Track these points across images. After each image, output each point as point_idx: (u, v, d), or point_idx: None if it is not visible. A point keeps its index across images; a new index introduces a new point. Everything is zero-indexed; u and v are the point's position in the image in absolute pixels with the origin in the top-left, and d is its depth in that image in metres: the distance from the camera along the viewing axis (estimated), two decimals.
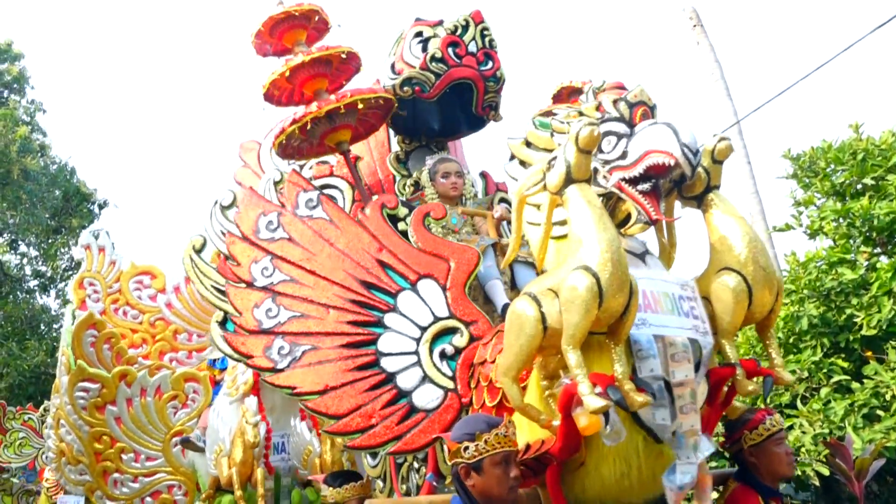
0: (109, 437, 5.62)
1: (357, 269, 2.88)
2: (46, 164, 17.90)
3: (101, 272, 6.70)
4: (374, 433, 2.56)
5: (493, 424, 2.08)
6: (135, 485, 5.67)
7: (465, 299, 2.84)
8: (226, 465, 4.83)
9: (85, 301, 6.42)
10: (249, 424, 4.58)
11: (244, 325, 2.81)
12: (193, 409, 5.69)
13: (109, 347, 5.80)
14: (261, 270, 2.91)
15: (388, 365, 2.69)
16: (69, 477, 5.88)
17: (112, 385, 5.53)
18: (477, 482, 2.06)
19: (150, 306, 6.66)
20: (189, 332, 6.64)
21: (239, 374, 5.16)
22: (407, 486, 3.22)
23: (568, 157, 2.12)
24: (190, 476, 5.69)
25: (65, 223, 17.92)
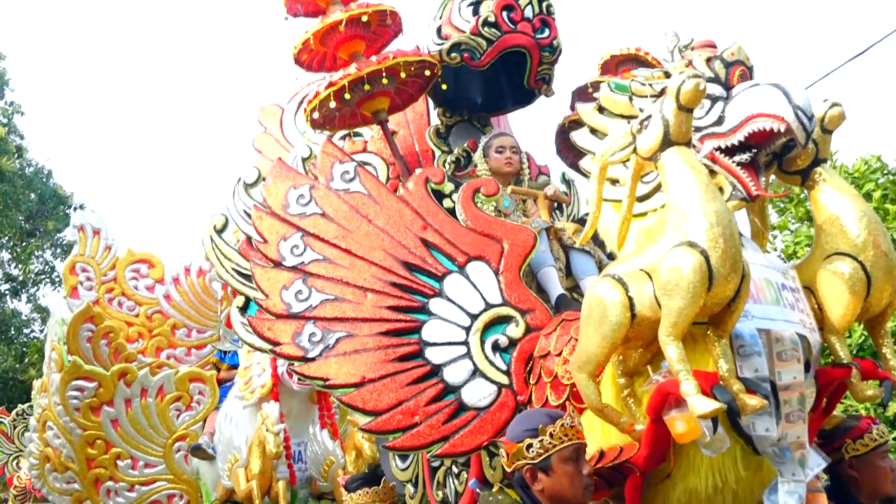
0: (104, 441, 5.31)
1: (398, 249, 2.65)
2: (23, 166, 17.91)
3: (96, 258, 6.32)
4: (418, 433, 2.31)
5: (556, 416, 1.89)
6: (131, 494, 5.36)
7: (520, 285, 2.60)
8: (243, 476, 4.58)
9: (76, 288, 6.09)
10: (270, 433, 4.31)
11: (271, 309, 2.58)
12: (199, 411, 5.43)
13: (107, 343, 5.53)
14: (290, 249, 2.68)
15: (434, 356, 2.45)
16: (53, 486, 5.57)
17: (110, 384, 5.24)
18: (546, 484, 1.85)
19: (147, 298, 6.34)
20: (188, 327, 6.34)
21: (255, 377, 4.92)
22: (443, 492, 2.97)
23: (666, 115, 1.90)
24: (193, 485, 5.43)
25: (39, 226, 17.92)
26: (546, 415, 1.92)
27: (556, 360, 2.26)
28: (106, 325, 5.54)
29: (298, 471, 4.79)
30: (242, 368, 5.11)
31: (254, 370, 5.00)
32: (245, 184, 3.37)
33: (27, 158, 18.29)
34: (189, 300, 6.35)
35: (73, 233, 6.53)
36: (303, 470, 4.84)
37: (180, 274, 6.38)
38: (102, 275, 6.24)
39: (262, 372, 4.93)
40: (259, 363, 4.97)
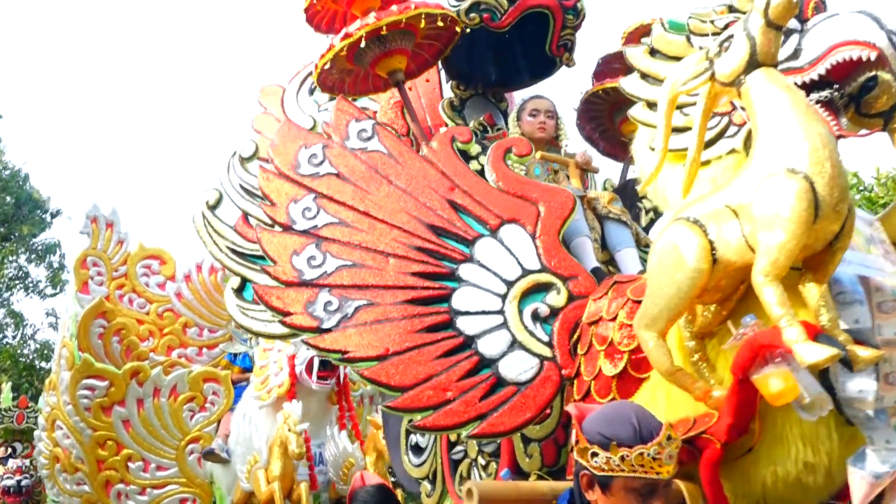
0: (115, 442, 5.13)
1: (423, 211, 2.37)
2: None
3: (108, 252, 6.14)
4: (451, 410, 2.02)
5: (643, 436, 1.48)
6: (142, 498, 5.17)
7: (560, 250, 2.31)
8: (263, 478, 4.33)
9: (87, 283, 5.89)
10: (293, 433, 4.06)
11: (280, 276, 2.31)
12: (213, 412, 5.22)
13: (119, 340, 5.34)
14: (301, 211, 2.41)
15: (466, 326, 2.16)
16: (63, 487, 5.40)
17: (122, 383, 5.07)
18: (601, 500, 1.51)
19: (158, 295, 6.16)
20: (200, 326, 6.14)
21: (271, 376, 4.69)
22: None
23: (752, 33, 1.63)
24: (206, 489, 5.21)
25: (14, 230, 17.76)
26: (632, 426, 1.50)
27: (611, 325, 1.96)
28: (118, 322, 5.35)
29: (319, 473, 4.54)
30: (258, 367, 4.89)
31: (270, 369, 4.78)
32: (241, 157, 3.11)
33: (3, 161, 18.14)
34: (201, 298, 6.14)
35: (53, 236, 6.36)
36: (323, 472, 4.60)
37: (192, 271, 6.18)
38: (114, 270, 6.04)
39: (280, 371, 4.72)
40: (276, 362, 4.75)
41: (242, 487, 4.60)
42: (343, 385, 4.85)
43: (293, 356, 4.65)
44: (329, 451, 4.67)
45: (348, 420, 4.84)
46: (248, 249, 2.87)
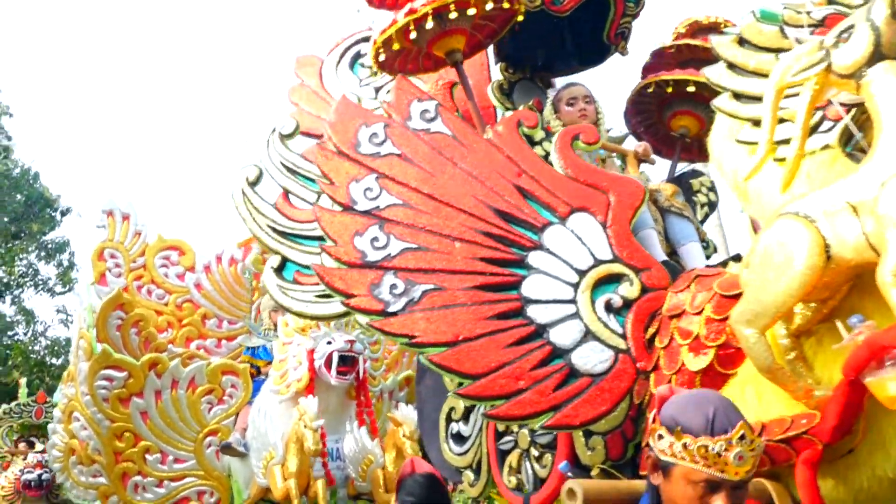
0: (133, 434, 4.96)
1: (490, 196, 2.30)
2: (9, 168, 17.81)
3: (125, 243, 6.02)
4: (523, 400, 1.95)
5: (714, 429, 1.38)
6: (160, 490, 4.99)
7: (631, 240, 2.25)
8: (279, 474, 4.21)
9: (105, 275, 5.76)
10: (309, 429, 3.96)
11: (341, 257, 2.23)
12: (231, 405, 5.08)
13: (137, 332, 5.22)
14: (363, 191, 2.35)
15: (538, 315, 2.09)
16: (77, 479, 5.24)
17: (140, 374, 4.91)
18: (661, 485, 1.44)
19: (177, 286, 6.01)
20: (219, 317, 6.00)
21: (290, 370, 4.59)
22: (518, 478, 2.57)
23: (877, 24, 1.55)
24: (223, 482, 5.07)
25: (25, 228, 17.77)
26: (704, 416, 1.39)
27: (696, 319, 1.89)
28: (136, 313, 5.24)
29: (336, 469, 4.43)
30: (277, 361, 4.79)
31: (289, 363, 4.67)
32: (281, 135, 3.06)
33: (14, 160, 18.20)
34: (220, 289, 6.04)
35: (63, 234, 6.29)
36: (341, 468, 4.47)
37: (211, 262, 6.07)
38: (131, 261, 5.95)
39: (298, 365, 4.61)
40: (294, 356, 4.65)
41: (259, 482, 4.48)
42: (362, 381, 4.75)
43: (312, 350, 4.53)
44: (348, 447, 4.53)
45: (367, 416, 4.74)
46: (288, 228, 2.83)
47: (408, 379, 5.69)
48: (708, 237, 3.00)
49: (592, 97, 3.04)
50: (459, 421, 2.92)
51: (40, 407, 9.25)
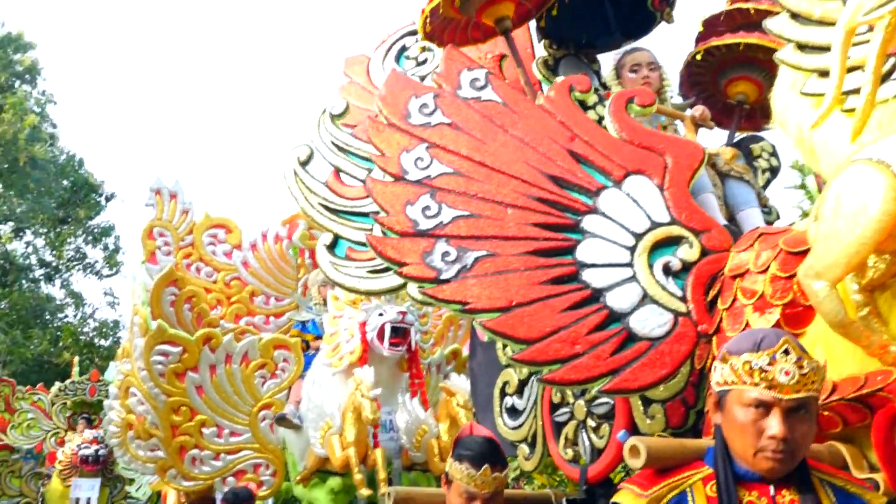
0: (189, 408, 5.12)
1: (543, 162, 2.27)
2: (55, 154, 18.41)
3: (173, 222, 6.19)
4: (580, 365, 1.92)
5: (762, 346, 1.37)
6: (216, 463, 5.15)
7: (690, 202, 2.19)
8: (337, 443, 4.29)
9: (154, 253, 5.95)
10: (366, 399, 4.01)
11: (394, 227, 2.24)
12: (283, 379, 5.21)
13: (190, 308, 5.35)
14: (414, 161, 2.34)
15: (594, 279, 2.06)
16: (136, 453, 5.41)
17: (194, 349, 5.05)
18: (722, 421, 1.41)
19: (225, 264, 6.19)
20: (266, 294, 6.15)
21: (342, 343, 4.66)
22: (574, 450, 2.55)
23: None
24: (278, 454, 5.21)
25: (71, 213, 18.43)
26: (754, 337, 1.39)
27: (761, 277, 1.84)
28: (189, 289, 5.37)
29: (390, 440, 4.51)
30: (328, 335, 4.87)
31: (341, 336, 4.75)
32: (331, 115, 3.07)
33: (59, 147, 18.74)
34: (267, 267, 6.17)
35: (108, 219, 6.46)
36: (394, 439, 4.54)
37: (257, 240, 6.21)
38: (180, 239, 6.10)
39: (351, 338, 4.69)
40: (346, 329, 4.72)
41: (316, 453, 4.56)
42: (414, 352, 4.79)
43: (364, 323, 4.61)
44: (401, 419, 4.60)
45: (419, 387, 4.78)
46: (339, 205, 2.84)
47: (454, 353, 5.72)
48: (770, 203, 2.92)
49: (657, 63, 2.97)
50: (513, 395, 2.91)
51: (94, 385, 9.60)
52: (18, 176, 16.62)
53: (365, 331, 4.61)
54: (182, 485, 5.18)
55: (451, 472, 2.23)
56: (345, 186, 3.01)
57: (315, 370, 4.91)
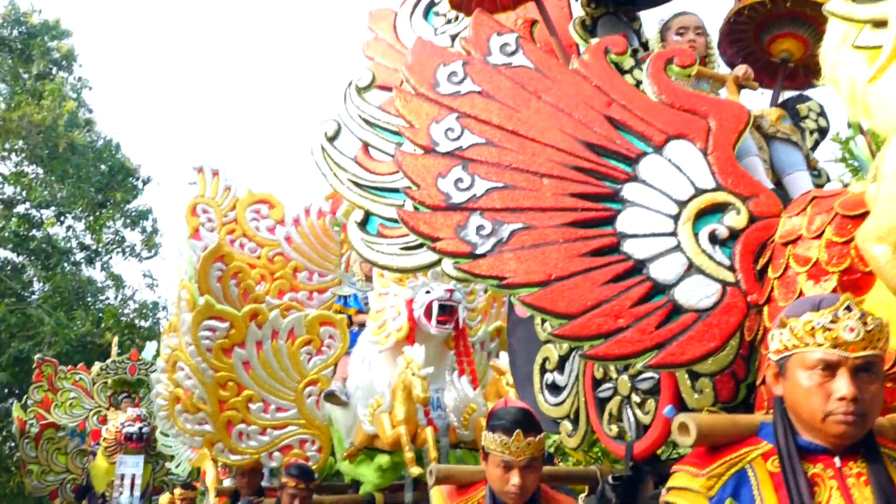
0: (236, 383, 5.13)
1: (579, 129, 2.18)
2: (92, 140, 18.77)
3: (216, 198, 6.20)
4: (624, 339, 1.86)
5: (824, 303, 1.33)
6: (263, 438, 5.18)
7: (736, 167, 2.08)
8: (387, 421, 4.28)
9: (198, 230, 5.96)
10: (417, 377, 3.99)
11: (425, 201, 2.18)
12: (329, 356, 5.20)
13: (237, 283, 5.36)
14: (444, 132, 2.27)
15: (635, 250, 1.98)
16: (184, 427, 5.46)
17: (242, 325, 5.06)
18: (784, 390, 1.36)
19: (268, 239, 6.16)
20: (310, 270, 6.12)
21: (389, 321, 4.62)
22: (619, 426, 2.50)
23: None
24: (324, 430, 5.21)
25: (110, 197, 18.78)
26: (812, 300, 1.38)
27: (815, 243, 1.73)
28: (235, 265, 5.38)
29: (438, 418, 4.47)
30: (374, 312, 4.82)
31: (387, 314, 4.70)
32: (357, 87, 3.00)
33: (96, 132, 19.13)
34: (310, 242, 6.14)
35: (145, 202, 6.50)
36: (442, 418, 4.51)
37: (300, 215, 6.17)
38: (223, 215, 6.11)
39: (398, 315, 4.62)
40: (392, 307, 4.67)
41: (365, 430, 4.55)
42: (461, 330, 4.73)
43: (411, 300, 4.55)
44: (449, 397, 4.53)
45: (467, 365, 4.74)
46: (369, 181, 2.79)
47: (498, 330, 5.67)
48: (819, 165, 2.77)
49: (704, 29, 2.84)
50: (554, 371, 2.86)
51: (134, 364, 9.83)
52: (59, 162, 17.06)
53: (412, 308, 4.55)
54: (229, 458, 5.23)
55: (486, 444, 2.22)
56: (374, 161, 2.96)
57: (361, 347, 4.89)
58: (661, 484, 2.42)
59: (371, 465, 4.75)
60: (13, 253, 18.40)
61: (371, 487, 4.86)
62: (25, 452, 10.17)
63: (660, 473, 2.38)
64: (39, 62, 17.92)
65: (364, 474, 4.84)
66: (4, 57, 17.92)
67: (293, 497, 4.13)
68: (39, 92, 17.22)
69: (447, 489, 2.40)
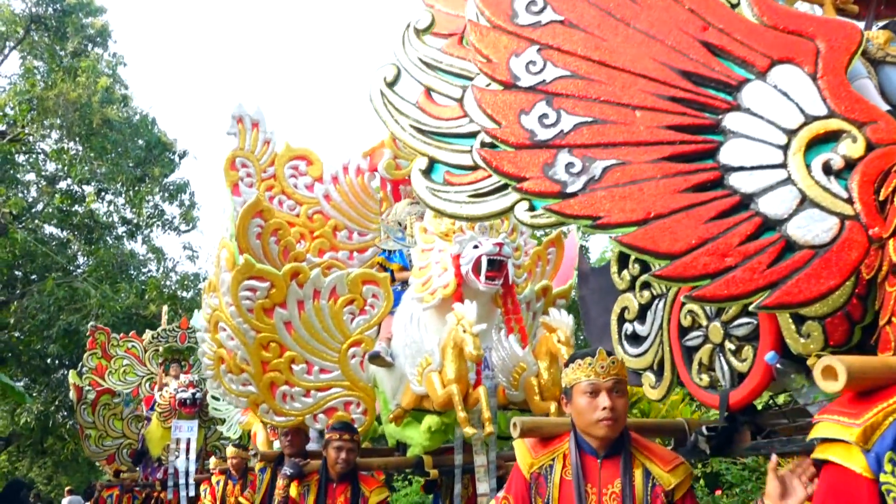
0: (279, 344, 5.08)
1: (673, 56, 2.07)
2: (129, 115, 19.31)
3: (255, 152, 6.07)
4: (734, 279, 1.77)
5: None
6: (307, 399, 5.16)
7: (849, 91, 1.97)
8: (437, 380, 4.18)
9: (238, 185, 5.85)
10: (469, 334, 3.89)
11: (508, 139, 2.09)
12: (373, 315, 5.12)
13: (276, 240, 5.24)
14: (525, 66, 2.17)
15: (742, 183, 1.88)
16: (229, 387, 5.43)
17: (282, 285, 4.97)
18: None
19: (307, 197, 6.07)
20: (349, 229, 6.05)
21: (434, 277, 4.51)
22: (710, 375, 2.42)
23: None
24: (369, 392, 5.18)
25: (147, 172, 19.37)
26: None
27: None
28: (275, 221, 5.28)
29: (486, 378, 4.35)
30: (418, 269, 4.72)
31: (432, 270, 4.58)
32: (416, 29, 2.88)
33: (132, 107, 19.53)
34: (349, 200, 6.05)
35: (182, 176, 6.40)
36: (490, 378, 4.40)
37: (339, 172, 6.08)
38: (262, 171, 6.00)
39: (444, 272, 4.51)
40: (438, 262, 4.56)
41: (414, 390, 4.49)
42: (510, 286, 4.61)
43: (458, 255, 4.43)
44: (496, 356, 4.42)
45: (515, 323, 4.63)
46: (433, 127, 2.69)
47: (545, 289, 5.57)
48: None
49: None
50: (634, 321, 2.79)
51: (184, 332, 9.99)
52: (96, 138, 17.56)
53: (459, 264, 4.44)
54: (274, 420, 5.24)
55: (568, 377, 2.21)
56: (437, 106, 2.86)
57: (406, 305, 4.81)
58: (758, 434, 2.35)
59: (419, 427, 4.70)
60: (58, 228, 18.98)
61: (419, 450, 4.84)
62: (83, 418, 10.51)
63: (757, 424, 2.31)
64: (74, 38, 18.13)
65: (411, 437, 4.80)
66: (41, 35, 18.13)
67: (339, 450, 4.16)
68: (75, 69, 17.53)
69: (531, 442, 2.36)
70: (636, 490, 2.18)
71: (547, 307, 5.60)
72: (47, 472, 23.35)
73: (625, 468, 2.16)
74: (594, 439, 2.23)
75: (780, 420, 2.51)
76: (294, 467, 4.53)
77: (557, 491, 2.26)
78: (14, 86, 17.70)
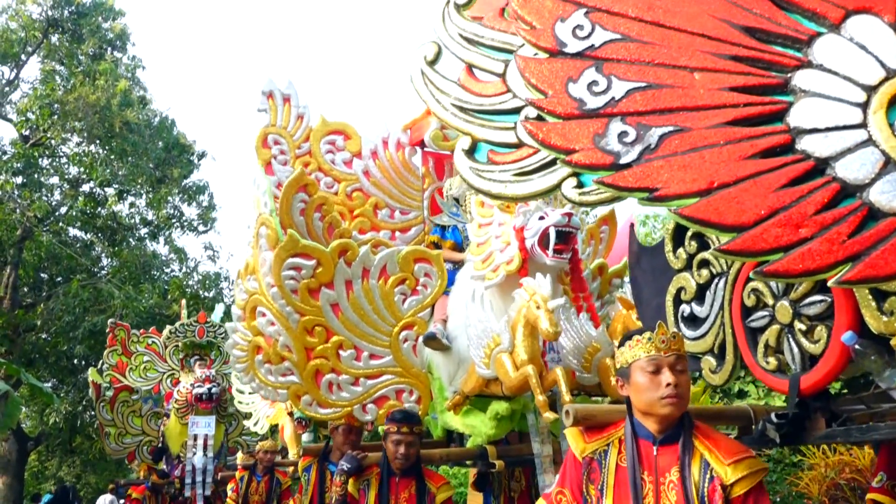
0: (325, 328, 4.78)
1: (733, 12, 1.95)
2: (148, 117, 19.81)
3: (288, 128, 5.81)
4: (809, 251, 1.65)
5: None
6: (356, 388, 4.85)
7: None
8: (509, 362, 3.97)
9: (270, 164, 5.59)
10: (544, 310, 3.69)
11: (555, 109, 2.00)
12: (426, 296, 4.87)
13: (321, 217, 5.00)
14: (571, 31, 2.07)
15: (816, 147, 1.75)
16: (265, 379, 5.03)
17: (330, 262, 4.66)
18: None
19: (345, 173, 5.78)
20: (391, 207, 5.77)
21: (496, 252, 4.32)
22: (779, 358, 2.29)
23: None
24: (423, 379, 4.96)
25: (167, 173, 19.90)
26: None
27: None
28: (320, 196, 4.99)
29: (552, 361, 4.07)
30: (476, 245, 4.51)
31: (493, 245, 4.38)
32: (457, 4, 2.79)
33: (152, 109, 20.13)
34: (389, 177, 5.79)
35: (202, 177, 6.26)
36: (555, 360, 4.10)
37: (378, 147, 5.82)
38: (296, 147, 5.76)
39: (506, 246, 4.28)
40: (498, 237, 4.34)
41: (480, 374, 4.26)
42: (577, 262, 4.36)
43: (522, 228, 4.19)
44: (566, 337, 4.16)
45: (584, 301, 4.38)
46: (476, 104, 2.63)
47: (601, 267, 5.37)
48: None
49: None
50: (691, 301, 2.67)
51: (202, 327, 10.02)
52: (117, 140, 18.10)
53: (523, 237, 4.19)
54: (318, 412, 4.91)
55: (624, 358, 2.12)
56: (480, 83, 2.78)
57: (467, 283, 4.56)
58: (832, 422, 2.21)
59: (481, 414, 4.47)
60: (81, 231, 19.70)
61: (483, 439, 4.57)
62: (102, 415, 10.80)
63: (831, 411, 2.17)
64: (90, 41, 18.64)
65: (474, 425, 4.52)
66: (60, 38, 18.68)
67: (398, 443, 3.88)
68: (94, 72, 18.17)
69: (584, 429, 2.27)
70: (693, 481, 2.06)
71: (604, 286, 5.41)
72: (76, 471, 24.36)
73: (683, 455, 2.05)
74: (654, 421, 2.12)
75: (858, 406, 2.36)
76: (352, 461, 4.18)
77: (612, 478, 2.17)
78: (35, 90, 18.29)
